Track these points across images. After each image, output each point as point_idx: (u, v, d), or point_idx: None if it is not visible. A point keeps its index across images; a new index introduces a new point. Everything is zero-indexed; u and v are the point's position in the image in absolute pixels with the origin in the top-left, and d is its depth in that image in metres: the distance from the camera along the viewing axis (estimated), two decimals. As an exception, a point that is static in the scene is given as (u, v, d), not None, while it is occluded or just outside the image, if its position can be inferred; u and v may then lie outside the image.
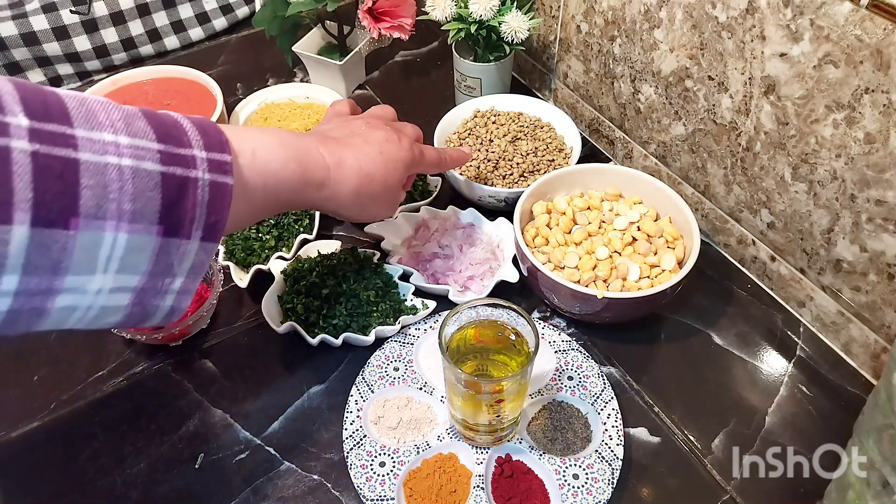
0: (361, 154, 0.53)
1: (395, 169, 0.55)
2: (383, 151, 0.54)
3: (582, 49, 0.80)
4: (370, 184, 0.53)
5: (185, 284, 0.42)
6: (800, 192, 0.60)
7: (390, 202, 0.57)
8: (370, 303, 0.63)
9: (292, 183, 0.48)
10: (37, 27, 0.91)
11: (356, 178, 0.52)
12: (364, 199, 0.54)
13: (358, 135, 0.55)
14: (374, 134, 0.55)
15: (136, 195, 0.37)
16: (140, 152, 0.38)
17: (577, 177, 0.71)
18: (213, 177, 0.41)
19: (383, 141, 0.55)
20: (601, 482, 0.53)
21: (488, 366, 0.54)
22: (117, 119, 0.38)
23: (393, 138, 0.56)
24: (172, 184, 0.39)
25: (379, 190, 0.54)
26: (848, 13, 0.49)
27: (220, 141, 0.42)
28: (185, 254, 0.41)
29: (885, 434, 0.40)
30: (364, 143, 0.54)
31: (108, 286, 0.38)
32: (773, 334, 0.65)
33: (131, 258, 0.38)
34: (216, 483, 0.55)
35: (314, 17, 0.89)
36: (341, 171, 0.52)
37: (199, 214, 0.40)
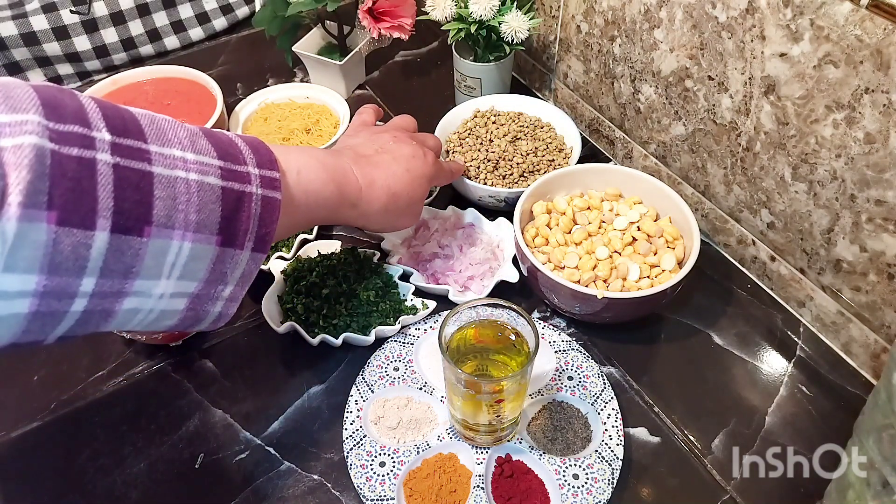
0: (390, 173, 0.57)
1: (419, 185, 0.59)
2: (410, 169, 0.58)
3: (582, 49, 0.80)
4: (397, 201, 0.57)
5: (234, 292, 0.46)
6: (800, 192, 0.60)
7: (414, 215, 0.61)
8: (370, 303, 0.63)
9: (330, 202, 0.52)
10: (37, 27, 0.91)
11: (385, 197, 0.56)
12: (391, 215, 0.58)
13: (386, 151, 0.58)
14: (401, 150, 0.59)
15: (200, 207, 0.40)
16: (204, 168, 0.41)
17: (577, 177, 0.71)
18: (265, 192, 0.44)
19: (410, 157, 0.59)
20: (601, 482, 0.53)
21: (488, 366, 0.54)
22: (183, 137, 0.41)
23: (419, 154, 0.60)
24: (231, 197, 0.42)
25: (404, 206, 0.58)
26: (848, 13, 0.49)
27: (270, 160, 0.46)
28: (238, 263, 0.44)
29: (885, 434, 0.40)
30: (392, 161, 0.57)
31: (169, 291, 0.41)
32: (773, 334, 0.65)
33: (192, 265, 0.41)
34: (216, 483, 0.55)
35: (314, 17, 0.89)
36: (372, 190, 0.55)
37: (252, 226, 0.44)
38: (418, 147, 0.60)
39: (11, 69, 0.94)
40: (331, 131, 0.82)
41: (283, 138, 0.81)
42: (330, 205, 0.52)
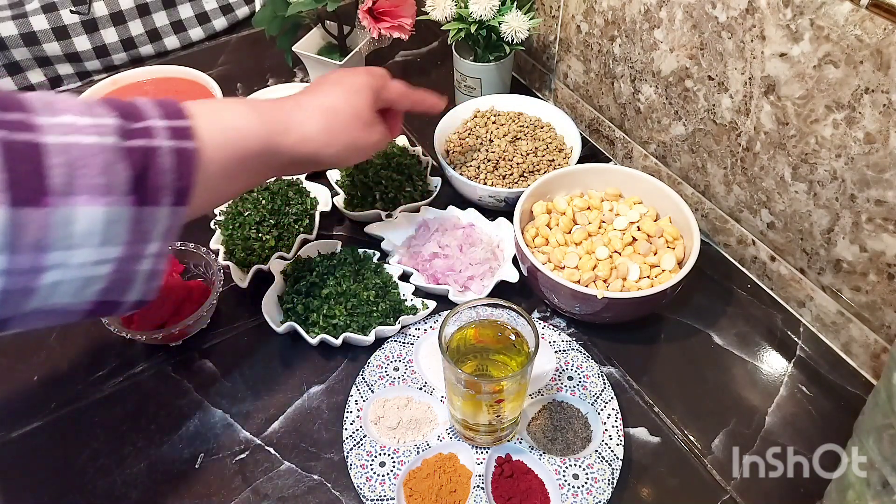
0: (320, 92, 0.55)
1: (357, 93, 0.56)
2: (341, 83, 0.56)
3: (582, 49, 0.80)
4: (336, 115, 0.54)
5: (160, 247, 0.44)
6: (800, 192, 0.60)
7: (368, 126, 0.57)
8: (370, 303, 0.63)
9: (255, 132, 0.49)
10: (37, 27, 0.91)
11: (319, 113, 0.53)
12: (337, 133, 0.54)
13: (317, 83, 0.57)
14: (332, 75, 0.57)
15: (104, 169, 0.39)
16: (102, 129, 0.40)
17: (577, 177, 0.71)
18: (175, 143, 0.43)
19: (341, 75, 0.57)
20: (601, 482, 0.53)
21: (488, 366, 0.54)
22: (76, 105, 0.40)
23: (348, 72, 0.58)
24: (137, 155, 0.41)
25: (349, 118, 0.55)
26: (848, 13, 0.49)
27: (176, 109, 0.45)
28: (158, 219, 0.42)
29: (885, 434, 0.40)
30: (321, 84, 0.56)
31: (91, 259, 0.40)
32: (773, 334, 0.65)
33: (110, 230, 0.40)
34: (216, 483, 0.55)
35: (314, 17, 0.89)
36: (301, 110, 0.53)
37: (167, 181, 0.42)
38: (351, 71, 0.58)
39: (11, 69, 0.94)
40: (331, 131, 0.82)
41: (283, 138, 0.81)
42: (257, 135, 0.49)
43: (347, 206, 0.74)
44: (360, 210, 0.74)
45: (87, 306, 0.43)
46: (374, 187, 0.74)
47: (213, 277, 0.65)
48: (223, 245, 0.69)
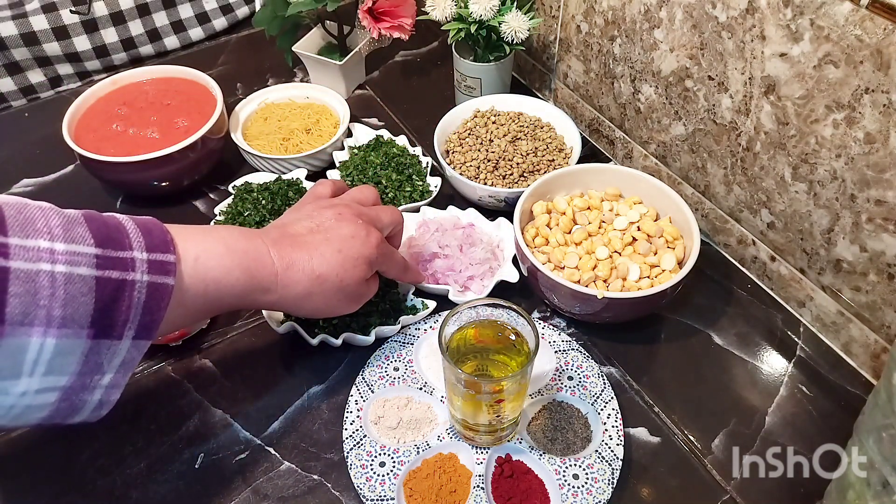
0: (316, 254, 0.51)
1: (353, 267, 0.53)
2: (342, 250, 0.52)
3: (582, 49, 0.80)
4: (322, 284, 0.52)
5: (114, 380, 0.42)
6: (800, 192, 0.60)
7: (350, 300, 0.55)
8: (370, 303, 0.63)
9: (235, 290, 0.48)
10: (37, 27, 0.91)
11: (306, 280, 0.51)
12: (317, 300, 0.52)
13: (321, 231, 0.53)
14: (339, 230, 0.53)
15: (67, 301, 0.37)
16: (76, 258, 0.38)
17: (577, 177, 0.71)
18: (152, 278, 0.41)
19: (347, 237, 0.53)
20: (601, 482, 0.53)
21: (488, 366, 0.54)
22: (56, 225, 0.39)
23: (360, 234, 0.54)
24: (107, 287, 0.39)
25: (332, 290, 0.52)
26: (848, 13, 0.49)
27: (163, 241, 0.43)
28: (116, 352, 0.41)
29: (885, 434, 0.40)
30: (323, 241, 0.52)
31: (34, 388, 0.38)
32: (773, 334, 0.65)
33: (59, 361, 0.38)
34: (216, 483, 0.55)
35: (314, 17, 0.89)
36: (290, 274, 0.50)
37: (133, 315, 0.41)
38: (362, 227, 0.54)
39: (11, 69, 0.94)
40: (331, 131, 0.82)
41: (284, 138, 0.81)
42: (237, 292, 0.48)
43: (347, 206, 0.74)
44: (360, 210, 0.73)
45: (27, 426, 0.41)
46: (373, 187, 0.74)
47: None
48: (223, 245, 0.69)
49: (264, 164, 0.79)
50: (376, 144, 0.79)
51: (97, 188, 0.80)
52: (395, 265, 0.59)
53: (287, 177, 0.75)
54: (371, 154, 0.77)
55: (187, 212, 0.78)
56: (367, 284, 0.56)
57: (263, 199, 0.71)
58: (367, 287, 0.56)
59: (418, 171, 0.77)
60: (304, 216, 0.55)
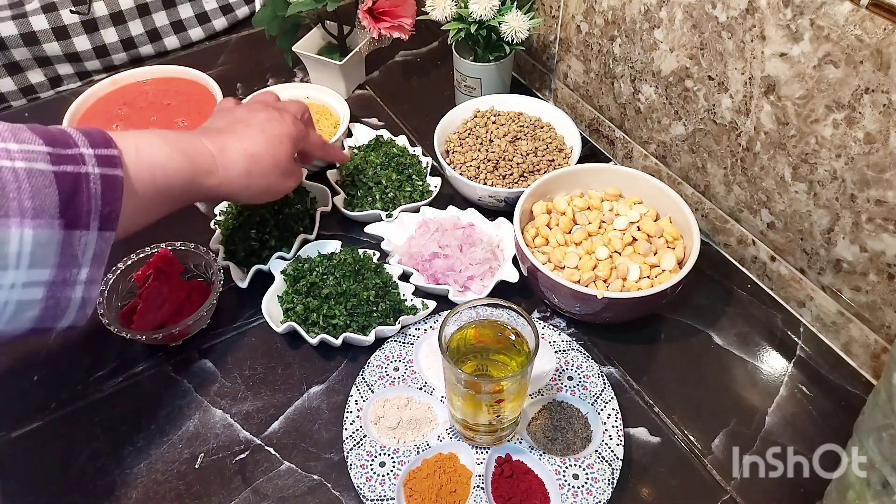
0: (244, 137, 0.57)
1: (279, 143, 0.58)
2: (265, 130, 0.58)
3: (582, 49, 0.80)
4: (258, 162, 0.57)
5: (90, 274, 0.46)
6: (800, 192, 0.60)
7: (285, 175, 0.60)
8: (370, 303, 0.63)
9: (181, 173, 0.51)
10: (37, 27, 0.91)
11: (243, 159, 0.56)
12: (256, 178, 0.57)
13: (239, 121, 0.59)
14: (255, 117, 0.59)
15: (34, 193, 0.41)
16: (31, 155, 0.41)
17: (577, 177, 0.71)
18: (102, 170, 0.45)
19: (265, 121, 0.59)
20: (601, 482, 0.53)
21: (488, 366, 0.54)
22: (3, 129, 0.42)
23: (274, 116, 0.59)
24: (66, 180, 0.42)
25: (269, 166, 0.58)
26: (848, 13, 0.49)
27: (104, 139, 0.46)
28: (87, 244, 0.44)
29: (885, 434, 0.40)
30: (246, 127, 0.58)
31: (21, 280, 0.42)
32: (773, 334, 0.65)
33: (40, 252, 0.42)
34: (216, 483, 0.55)
35: (314, 17, 0.89)
36: (226, 155, 0.55)
37: (94, 206, 0.44)
38: (274, 111, 0.60)
39: (11, 69, 0.94)
40: (331, 131, 0.82)
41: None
42: (182, 175, 0.51)
43: (347, 206, 0.74)
44: (360, 210, 0.74)
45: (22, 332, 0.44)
46: (374, 187, 0.74)
47: (213, 277, 0.65)
48: (223, 245, 0.69)
49: (264, 164, 0.79)
50: (376, 144, 0.79)
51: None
52: (313, 142, 0.65)
53: (287, 177, 0.75)
54: (371, 154, 0.77)
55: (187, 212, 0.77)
56: (295, 168, 0.62)
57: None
58: (297, 166, 0.62)
59: (418, 171, 0.77)
60: (217, 118, 0.60)
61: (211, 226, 0.71)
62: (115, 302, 0.63)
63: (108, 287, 0.63)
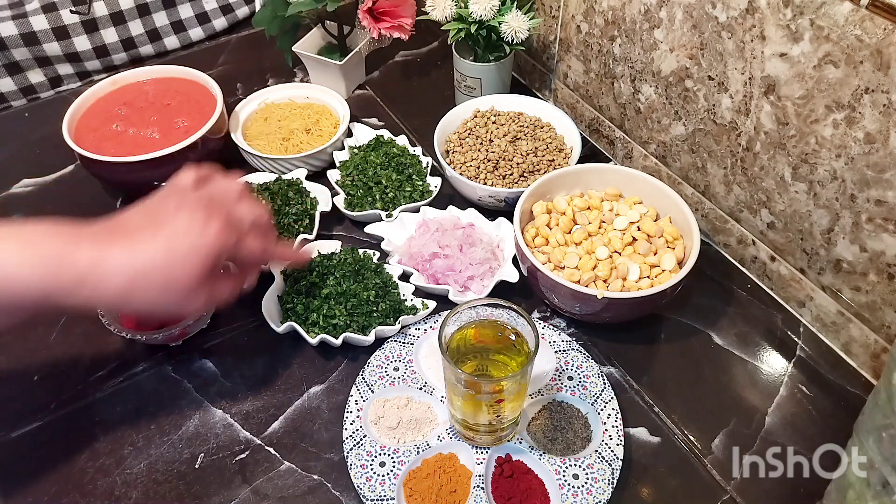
0: (138, 249, 0.48)
1: (184, 259, 0.48)
2: (172, 240, 0.48)
3: (582, 49, 0.80)
4: (144, 279, 0.48)
5: None
6: (800, 192, 0.60)
7: (182, 297, 0.50)
8: (370, 303, 0.63)
9: (34, 286, 0.45)
10: (37, 27, 0.91)
11: (122, 276, 0.47)
12: (137, 298, 0.49)
13: (154, 222, 0.49)
14: (174, 221, 0.49)
15: None
16: None
17: (577, 177, 0.71)
18: None
19: (180, 229, 0.49)
20: (601, 482, 0.53)
21: (488, 366, 0.54)
22: None
23: (195, 226, 0.49)
24: None
25: (157, 286, 0.48)
26: (848, 13, 0.49)
27: None
28: None
29: (885, 434, 0.40)
30: (151, 236, 0.48)
31: None
32: (773, 334, 0.65)
33: None
34: (216, 483, 0.55)
35: (314, 17, 0.89)
36: (101, 269, 0.47)
37: None
38: (201, 216, 0.49)
39: (11, 69, 0.94)
40: (331, 131, 0.82)
41: (284, 138, 0.81)
42: (36, 289, 0.45)
43: (347, 206, 0.74)
44: (360, 210, 0.74)
45: None
46: (374, 187, 0.74)
47: (213, 277, 0.65)
48: (223, 245, 0.69)
49: (264, 164, 0.79)
50: (376, 144, 0.79)
51: (97, 188, 0.80)
52: (250, 251, 0.54)
53: (287, 177, 0.75)
54: (371, 154, 0.77)
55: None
56: (209, 281, 0.51)
57: (263, 199, 0.71)
58: (210, 284, 0.51)
59: (418, 171, 0.77)
60: (144, 208, 0.52)
61: (211, 226, 0.71)
62: (115, 302, 0.63)
63: (108, 287, 0.63)
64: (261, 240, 0.55)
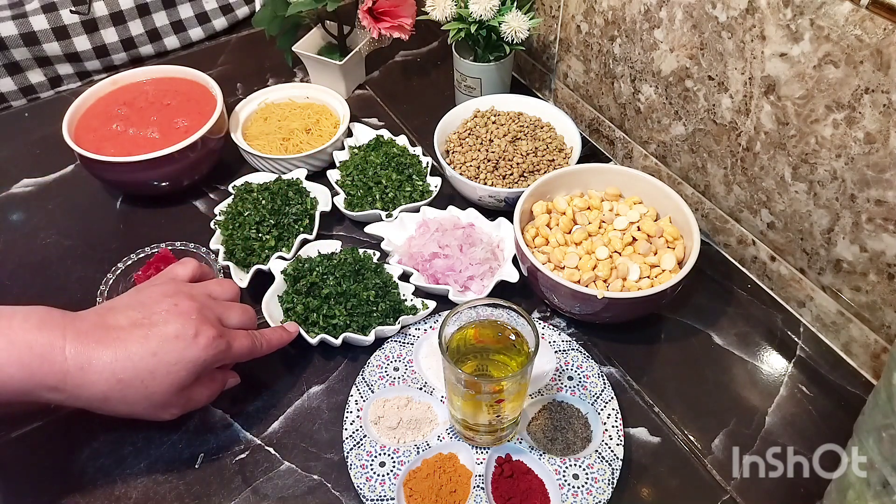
0: (124, 355, 0.47)
1: (166, 374, 0.49)
2: (158, 352, 0.48)
3: (582, 49, 0.80)
4: (123, 390, 0.48)
5: None
6: (800, 192, 0.60)
7: (160, 408, 0.51)
8: (370, 303, 0.63)
9: (14, 384, 0.45)
10: (37, 27, 0.91)
11: (103, 383, 0.47)
12: (117, 405, 0.49)
13: (144, 325, 0.49)
14: (164, 328, 0.49)
15: None
16: None
17: (577, 177, 0.71)
18: None
19: (169, 338, 0.49)
20: (601, 482, 0.53)
21: (488, 366, 0.54)
22: None
23: (186, 335, 0.49)
24: None
25: (137, 397, 0.49)
26: (848, 13, 0.49)
27: None
28: None
29: (885, 434, 0.40)
30: (139, 339, 0.48)
31: None
32: (773, 334, 0.65)
33: None
34: (216, 483, 0.55)
35: (314, 17, 0.89)
36: (84, 374, 0.47)
37: None
38: (192, 325, 0.50)
39: (11, 69, 0.94)
40: (331, 131, 0.82)
41: (284, 138, 0.81)
42: (15, 386, 0.45)
43: (347, 206, 0.74)
44: (360, 210, 0.74)
45: None
46: (374, 187, 0.74)
47: (213, 277, 0.65)
48: (223, 245, 0.69)
49: (264, 164, 0.79)
50: (376, 144, 0.79)
51: (97, 188, 0.80)
52: (237, 353, 0.54)
53: (287, 177, 0.75)
54: (371, 154, 0.77)
55: (187, 212, 0.78)
56: (190, 391, 0.52)
57: (263, 199, 0.71)
58: (190, 394, 0.52)
59: (418, 171, 0.77)
60: (138, 303, 0.51)
61: (211, 226, 0.71)
62: (115, 302, 0.63)
63: (108, 287, 0.63)
64: (248, 341, 0.55)
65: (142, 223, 0.76)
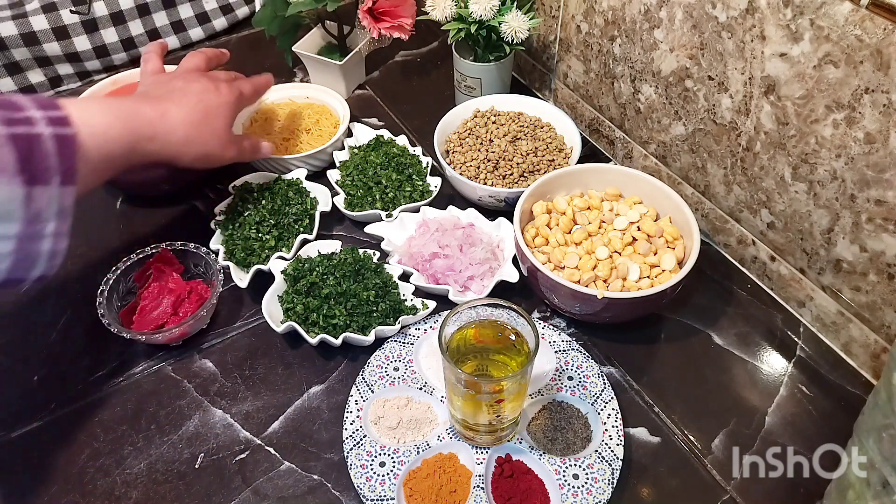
0: (184, 105, 0.60)
1: (217, 114, 0.63)
2: (202, 101, 0.62)
3: (582, 49, 0.80)
4: (198, 129, 0.60)
5: (57, 227, 0.48)
6: (800, 192, 0.60)
7: (223, 145, 0.64)
8: (370, 303, 0.63)
9: (122, 140, 0.54)
10: (37, 27, 0.91)
11: (182, 127, 0.59)
12: (196, 146, 0.61)
13: (177, 91, 0.62)
14: (191, 87, 0.63)
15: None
16: None
17: (577, 177, 0.71)
18: (55, 130, 0.47)
19: (202, 91, 0.63)
20: (601, 482, 0.53)
21: (488, 366, 0.54)
22: None
23: (210, 87, 0.64)
24: (20, 141, 0.45)
25: (207, 135, 0.62)
26: (848, 13, 0.49)
27: (51, 102, 0.49)
28: (50, 199, 0.47)
29: (885, 434, 0.40)
30: (184, 96, 0.61)
31: None
32: (773, 334, 0.65)
33: (5, 207, 0.45)
34: (216, 483, 0.55)
35: (314, 17, 0.89)
36: (166, 121, 0.58)
37: (52, 163, 0.47)
38: (209, 82, 0.64)
39: (11, 69, 0.94)
40: (331, 131, 0.82)
41: (284, 138, 0.81)
42: (123, 142, 0.54)
43: (347, 206, 0.74)
44: (360, 210, 0.74)
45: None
46: (374, 187, 0.74)
47: (212, 277, 0.65)
48: (223, 245, 0.69)
49: (264, 164, 0.79)
50: (376, 144, 0.79)
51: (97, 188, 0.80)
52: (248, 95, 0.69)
53: (287, 177, 0.75)
54: (371, 154, 0.77)
55: (187, 212, 0.78)
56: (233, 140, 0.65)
57: (263, 199, 0.71)
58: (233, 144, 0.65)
59: (418, 171, 0.77)
60: (153, 86, 0.65)
61: (211, 226, 0.71)
62: (115, 302, 0.63)
63: (109, 287, 0.63)
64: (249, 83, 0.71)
65: (142, 223, 0.76)
